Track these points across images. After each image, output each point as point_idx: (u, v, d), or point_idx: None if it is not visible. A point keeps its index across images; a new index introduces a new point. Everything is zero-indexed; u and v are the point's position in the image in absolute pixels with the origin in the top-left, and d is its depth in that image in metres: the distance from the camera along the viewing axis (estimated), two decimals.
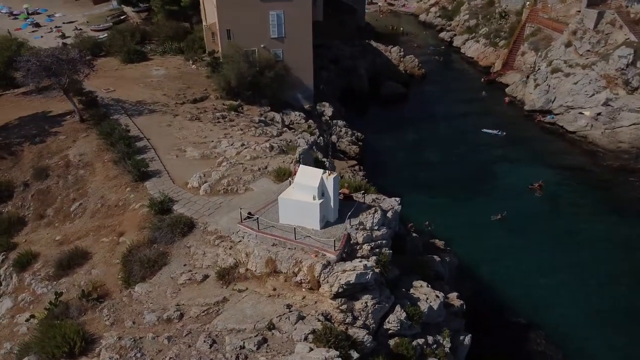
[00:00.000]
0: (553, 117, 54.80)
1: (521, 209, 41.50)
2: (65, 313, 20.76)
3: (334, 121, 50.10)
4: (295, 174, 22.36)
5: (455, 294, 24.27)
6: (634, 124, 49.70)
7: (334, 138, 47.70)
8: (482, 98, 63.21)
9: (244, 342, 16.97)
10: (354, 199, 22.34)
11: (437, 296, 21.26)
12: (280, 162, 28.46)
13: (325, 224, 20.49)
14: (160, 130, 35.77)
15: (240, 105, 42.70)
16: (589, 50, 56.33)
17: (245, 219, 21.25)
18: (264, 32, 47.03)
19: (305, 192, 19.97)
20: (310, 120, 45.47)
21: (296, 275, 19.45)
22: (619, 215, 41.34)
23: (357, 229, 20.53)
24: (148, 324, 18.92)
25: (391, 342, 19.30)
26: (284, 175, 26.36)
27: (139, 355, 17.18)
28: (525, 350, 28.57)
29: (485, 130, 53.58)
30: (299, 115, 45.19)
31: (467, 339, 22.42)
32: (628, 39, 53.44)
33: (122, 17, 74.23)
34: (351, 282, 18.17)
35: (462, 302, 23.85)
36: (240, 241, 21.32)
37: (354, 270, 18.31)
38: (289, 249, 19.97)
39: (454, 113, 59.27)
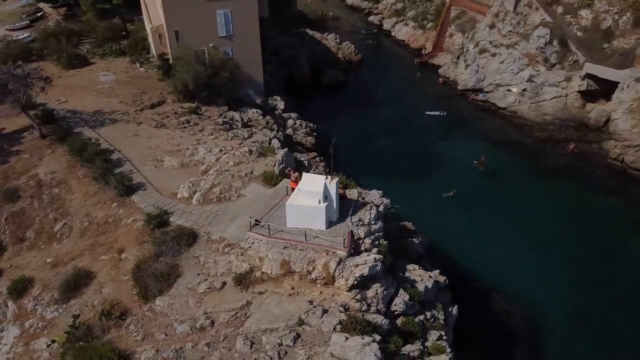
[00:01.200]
0: (485, 95, 59.70)
1: (469, 185, 45.73)
2: (88, 334, 21.67)
3: (287, 114, 51.76)
4: (292, 181, 24.41)
5: (437, 271, 27.44)
6: (554, 97, 55.45)
7: (289, 131, 49.51)
8: (417, 80, 67.19)
9: (280, 340, 19.00)
10: (348, 197, 24.63)
11: (430, 276, 24.30)
12: (263, 166, 30.04)
13: (329, 224, 22.66)
14: (128, 140, 35.89)
15: (198, 107, 43.27)
16: (510, 31, 61.53)
17: (253, 226, 22.94)
18: (213, 31, 47.37)
19: (310, 198, 21.99)
20: (268, 117, 46.87)
21: (310, 274, 21.57)
22: (551, 182, 46.76)
23: (357, 225, 22.90)
24: (181, 334, 20.38)
25: (398, 321, 22.04)
26: (272, 179, 28.10)
27: None
28: (495, 312, 32.58)
29: (428, 112, 57.42)
30: (256, 112, 46.42)
31: (455, 310, 25.72)
32: (544, 19, 59.02)
33: (38, 14, 70.13)
34: (365, 274, 20.59)
35: (445, 277, 27.08)
36: (250, 247, 23.05)
37: (366, 263, 20.73)
38: (300, 250, 22.00)
39: (395, 96, 62.72)
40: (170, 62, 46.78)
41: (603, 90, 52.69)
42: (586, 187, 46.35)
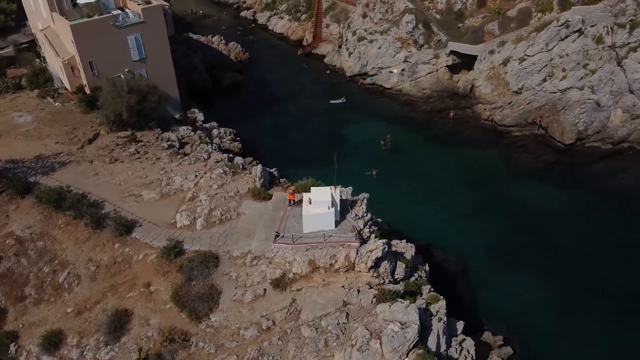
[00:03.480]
0: (372, 79, 68.00)
1: (384, 162, 53.69)
2: None
3: (208, 124, 54.84)
4: (290, 193, 29.54)
5: (404, 240, 34.56)
6: (428, 73, 65.45)
7: (216, 140, 52.91)
8: (306, 70, 73.30)
9: (337, 319, 24.65)
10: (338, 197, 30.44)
11: (411, 246, 31.36)
12: (244, 184, 34.29)
13: (336, 223, 28.41)
14: (92, 181, 37.21)
15: (133, 134, 44.98)
16: (381, 19, 70.14)
17: (276, 238, 27.81)
18: (126, 56, 48.60)
19: (321, 206, 27.50)
20: (199, 131, 49.82)
21: (333, 265, 27.30)
22: (443, 147, 56.66)
23: (356, 219, 28.98)
24: (251, 338, 24.96)
25: (402, 285, 28.80)
26: (260, 194, 32.65)
27: (270, 357, 23.53)
28: (439, 262, 40.84)
29: (332, 101, 64.08)
30: (187, 129, 49.12)
31: (427, 267, 33.21)
32: (407, 6, 68.45)
33: None
34: (378, 256, 26.88)
35: (411, 244, 34.21)
36: (275, 255, 27.94)
37: (377, 248, 26.99)
38: (320, 249, 27.52)
39: (292, 89, 68.24)
40: (88, 92, 47.23)
41: (465, 63, 63.66)
42: (469, 146, 57.10)
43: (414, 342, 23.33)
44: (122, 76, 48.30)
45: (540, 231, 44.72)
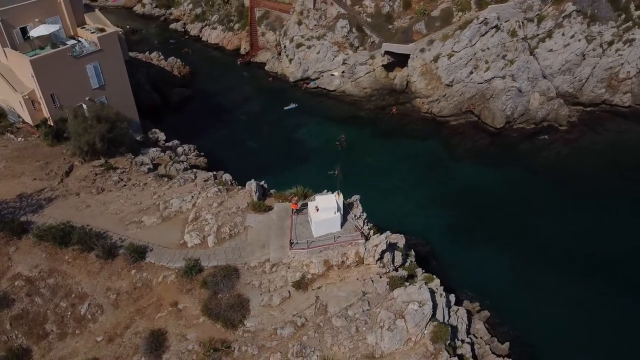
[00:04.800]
0: (315, 83, 72.05)
1: (343, 161, 57.44)
2: None
3: (171, 142, 56.29)
4: (293, 203, 33.07)
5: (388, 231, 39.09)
6: (366, 73, 70.65)
7: (182, 158, 54.62)
8: (248, 79, 75.92)
9: (361, 308, 28.68)
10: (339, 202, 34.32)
11: (402, 236, 35.96)
12: (242, 198, 37.10)
13: (341, 225, 32.36)
14: (86, 213, 38.19)
15: (107, 162, 45.90)
16: (316, 25, 74.25)
17: (292, 245, 31.27)
18: (86, 85, 49.14)
19: (328, 212, 31.30)
20: (168, 151, 51.39)
21: (344, 262, 31.26)
22: (391, 141, 62.15)
23: (356, 219, 33.08)
24: (289, 335, 28.36)
25: (401, 270, 33.34)
26: (261, 207, 35.74)
27: (312, 348, 27.13)
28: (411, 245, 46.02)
29: (285, 108, 67.34)
30: (157, 150, 50.54)
31: (413, 252, 38.04)
32: (339, 11, 73.05)
33: None
34: (383, 249, 31.19)
35: (401, 235, 38.69)
36: (292, 260, 31.39)
37: (381, 243, 31.27)
38: (332, 249, 31.34)
39: (239, 99, 70.79)
40: (52, 125, 47.41)
41: (399, 61, 69.52)
42: (414, 138, 63.06)
43: (430, 317, 27.96)
44: (83, 105, 48.82)
45: (485, 206, 51.68)
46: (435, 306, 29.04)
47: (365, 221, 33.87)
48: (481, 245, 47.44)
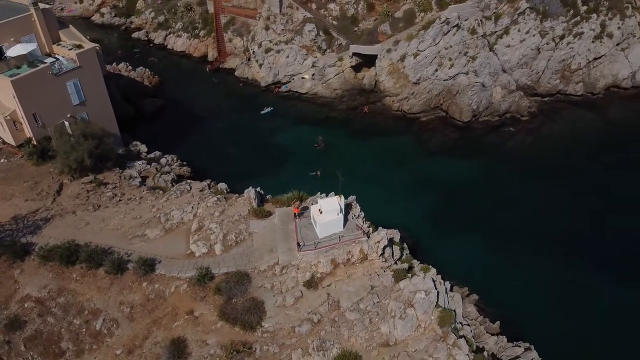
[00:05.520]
0: (287, 86, 73.67)
1: (322, 161, 60.05)
2: None
3: (152, 154, 56.77)
4: (295, 207, 34.95)
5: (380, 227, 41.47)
6: (336, 75, 72.90)
7: (166, 169, 55.28)
8: (219, 86, 76.66)
9: (371, 300, 30.92)
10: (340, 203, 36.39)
11: (397, 231, 38.41)
12: (242, 205, 38.59)
13: (343, 225, 34.49)
14: (86, 231, 38.74)
15: (96, 178, 46.27)
16: (283, 30, 75.78)
17: (300, 247, 33.15)
18: (67, 102, 49.18)
19: (331, 214, 33.33)
20: (154, 163, 52.01)
21: (350, 260, 33.42)
22: (366, 139, 64.73)
23: (356, 218, 35.28)
24: (307, 331, 30.26)
25: (399, 263, 35.81)
26: (262, 213, 37.37)
27: (331, 342, 29.15)
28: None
29: (262, 112, 68.70)
30: (142, 163, 51.09)
31: (405, 245, 40.60)
32: (305, 15, 74.90)
33: None
34: (385, 245, 33.53)
35: (396, 230, 41.09)
36: (300, 261, 33.28)
37: (382, 239, 33.60)
38: (336, 249, 33.43)
39: (212, 106, 71.40)
40: (36, 144, 47.30)
41: (367, 61, 72.09)
42: (387, 135, 65.80)
43: (435, 304, 30.51)
44: (65, 123, 48.88)
45: (459, 196, 55.36)
46: (437, 293, 31.57)
47: (364, 220, 36.02)
48: (460, 233, 50.80)
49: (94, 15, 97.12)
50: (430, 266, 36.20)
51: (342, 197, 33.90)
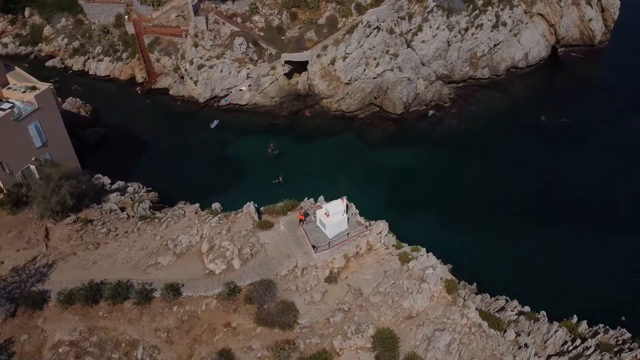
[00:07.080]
0: (226, 100, 76.06)
1: (279, 168, 63.94)
2: None
3: (117, 184, 57.16)
4: (301, 214, 39.16)
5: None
6: (271, 83, 76.72)
7: (136, 197, 56.16)
8: (155, 107, 77.06)
9: (388, 283, 36.12)
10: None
11: (385, 222, 43.74)
12: (245, 221, 41.71)
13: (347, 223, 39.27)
14: (94, 270, 39.51)
15: (78, 217, 46.65)
16: (212, 45, 77.89)
17: (316, 249, 37.42)
18: (30, 145, 48.71)
19: (337, 215, 37.98)
20: (127, 193, 52.82)
21: (358, 253, 38.34)
22: (313, 141, 69.58)
23: (355, 215, 40.22)
24: (341, 319, 34.73)
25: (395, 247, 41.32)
26: (266, 225, 40.94)
27: (366, 324, 33.96)
28: None
29: (212, 126, 70.61)
30: (116, 195, 51.77)
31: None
32: (232, 29, 77.66)
33: None
34: (385, 234, 38.86)
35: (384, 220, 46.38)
36: (317, 261, 37.59)
37: (382, 230, 38.89)
38: (346, 245, 38.17)
39: (155, 127, 72.15)
40: (6, 192, 46.59)
41: (298, 68, 76.67)
42: (331, 135, 71.09)
43: (440, 277, 36.43)
44: (31, 167, 48.42)
45: (404, 180, 62.45)
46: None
47: (361, 215, 41.03)
48: (416, 211, 57.78)
49: None
50: (420, 246, 42.10)
51: (345, 199, 38.55)
